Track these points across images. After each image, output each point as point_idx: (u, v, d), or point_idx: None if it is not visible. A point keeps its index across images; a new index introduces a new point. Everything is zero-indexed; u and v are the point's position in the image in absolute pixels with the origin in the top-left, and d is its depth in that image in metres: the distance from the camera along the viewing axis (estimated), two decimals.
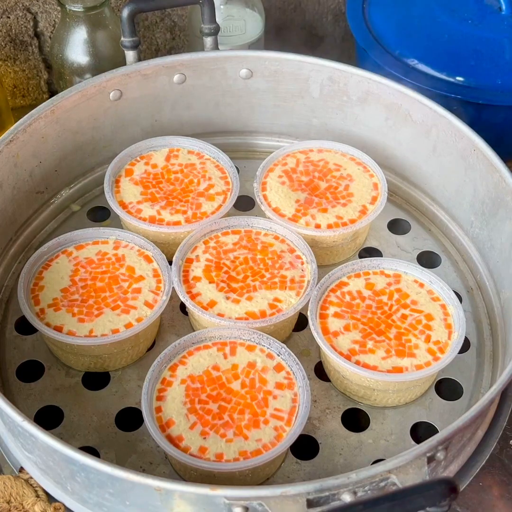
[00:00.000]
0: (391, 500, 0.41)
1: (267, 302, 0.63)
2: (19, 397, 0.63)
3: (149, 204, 0.71)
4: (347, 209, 0.71)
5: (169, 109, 0.79)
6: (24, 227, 0.74)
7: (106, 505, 0.52)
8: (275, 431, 0.55)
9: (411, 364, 0.59)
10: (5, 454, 0.59)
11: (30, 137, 0.69)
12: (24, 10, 0.88)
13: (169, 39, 0.97)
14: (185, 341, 0.60)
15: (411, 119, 0.74)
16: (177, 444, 0.54)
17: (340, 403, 0.63)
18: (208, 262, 0.66)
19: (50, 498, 0.55)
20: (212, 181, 0.73)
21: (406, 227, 0.77)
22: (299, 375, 0.58)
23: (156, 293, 0.64)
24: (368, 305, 0.63)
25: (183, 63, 0.76)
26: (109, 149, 0.78)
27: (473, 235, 0.72)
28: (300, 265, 0.66)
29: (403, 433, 0.61)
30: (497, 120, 0.80)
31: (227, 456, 0.54)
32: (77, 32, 0.80)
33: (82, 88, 0.72)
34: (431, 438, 0.48)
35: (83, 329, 0.61)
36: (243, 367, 0.59)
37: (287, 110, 0.80)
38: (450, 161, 0.72)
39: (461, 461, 0.58)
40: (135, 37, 0.73)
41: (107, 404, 0.62)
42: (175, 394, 0.57)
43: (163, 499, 0.48)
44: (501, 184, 0.65)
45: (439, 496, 0.41)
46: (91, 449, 0.59)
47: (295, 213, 0.70)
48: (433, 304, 0.63)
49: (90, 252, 0.67)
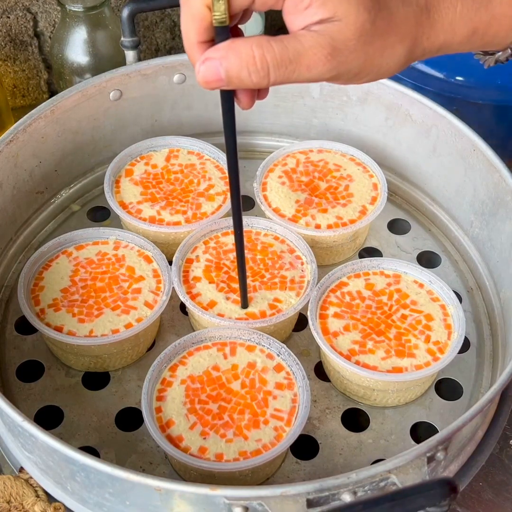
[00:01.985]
0: (391, 500, 0.41)
1: (267, 303, 0.63)
2: (19, 397, 0.62)
3: (149, 204, 0.71)
4: (347, 209, 0.71)
5: (169, 109, 0.79)
6: (24, 227, 0.74)
7: (106, 505, 0.52)
8: (275, 431, 0.55)
9: (410, 364, 0.59)
10: (5, 454, 0.59)
11: (30, 137, 0.69)
12: (24, 10, 0.88)
13: (169, 39, 0.97)
14: (185, 341, 0.60)
15: (411, 119, 0.74)
16: (177, 444, 0.54)
17: (340, 403, 0.63)
18: (208, 263, 0.66)
19: (50, 498, 0.55)
20: (212, 181, 0.73)
21: (406, 227, 0.77)
22: (299, 375, 0.58)
23: (156, 294, 0.64)
24: (368, 305, 0.63)
25: (183, 63, 0.76)
26: (109, 149, 0.78)
27: (473, 235, 0.72)
28: (300, 265, 0.66)
29: (403, 433, 0.61)
30: (498, 120, 0.80)
31: (227, 456, 0.54)
32: (77, 32, 0.80)
33: (82, 88, 0.72)
34: (431, 438, 0.48)
35: (83, 329, 0.61)
36: (243, 367, 0.59)
37: (287, 110, 0.80)
38: (450, 161, 0.72)
39: (461, 461, 0.58)
40: (135, 37, 0.73)
41: (107, 404, 0.62)
42: (175, 394, 0.57)
43: (163, 499, 0.48)
44: (501, 184, 0.65)
45: (439, 496, 0.41)
46: (91, 449, 0.59)
47: (295, 213, 0.70)
48: (433, 305, 0.63)
49: (90, 253, 0.67)
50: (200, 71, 0.42)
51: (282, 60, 0.41)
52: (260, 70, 0.41)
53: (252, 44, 0.41)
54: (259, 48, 0.41)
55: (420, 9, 0.44)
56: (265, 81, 0.42)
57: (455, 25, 0.45)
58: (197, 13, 0.41)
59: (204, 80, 0.42)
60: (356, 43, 0.42)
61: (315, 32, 0.41)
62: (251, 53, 0.41)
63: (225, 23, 0.41)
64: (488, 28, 0.47)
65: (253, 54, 0.41)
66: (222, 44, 0.41)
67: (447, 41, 0.46)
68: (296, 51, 0.41)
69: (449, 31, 0.45)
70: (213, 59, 0.41)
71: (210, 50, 0.42)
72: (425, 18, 0.44)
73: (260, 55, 0.41)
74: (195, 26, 0.42)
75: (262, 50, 0.41)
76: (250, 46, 0.41)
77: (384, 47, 0.43)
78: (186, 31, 0.42)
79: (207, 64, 0.42)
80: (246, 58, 0.41)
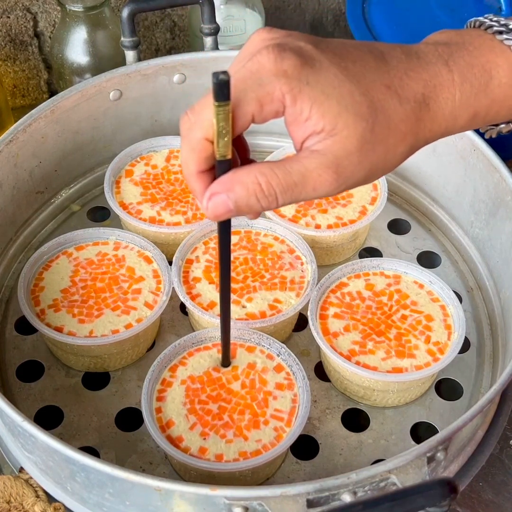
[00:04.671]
0: (391, 500, 0.41)
1: (267, 303, 0.63)
2: (19, 397, 0.62)
3: (149, 205, 0.71)
4: (347, 209, 0.71)
5: (169, 109, 0.79)
6: (24, 227, 0.74)
7: (106, 505, 0.52)
8: (275, 432, 0.55)
9: (411, 365, 0.59)
10: (5, 454, 0.59)
11: (30, 137, 0.69)
12: (24, 10, 0.88)
13: (169, 39, 0.97)
14: (185, 341, 0.60)
15: None
16: (177, 444, 0.54)
17: (340, 403, 0.63)
18: (208, 263, 0.66)
19: (50, 498, 0.55)
20: None
21: (406, 227, 0.77)
22: (299, 376, 0.58)
23: (156, 294, 0.64)
24: (368, 305, 0.63)
25: (183, 63, 0.76)
26: (109, 149, 0.78)
27: (473, 235, 0.72)
28: (300, 265, 0.66)
29: (403, 433, 0.61)
30: None
31: (227, 456, 0.54)
32: (77, 32, 0.80)
33: (82, 88, 0.72)
34: (431, 438, 0.48)
35: (83, 329, 0.61)
36: (243, 368, 0.59)
37: None
38: (450, 161, 0.72)
39: (461, 461, 0.58)
40: (135, 37, 0.73)
41: (107, 404, 0.62)
42: (175, 395, 0.57)
43: (163, 499, 0.48)
44: (501, 184, 0.65)
45: (439, 496, 0.41)
46: (91, 449, 0.59)
47: (295, 213, 0.70)
48: (433, 305, 0.63)
49: (90, 253, 0.67)
50: (209, 207, 0.42)
51: (288, 185, 0.41)
52: (268, 196, 0.41)
53: (256, 173, 0.41)
54: (262, 176, 0.41)
55: (418, 104, 0.43)
56: (274, 205, 0.42)
57: (455, 113, 0.45)
58: (197, 146, 0.41)
59: (214, 215, 0.42)
60: (359, 155, 0.41)
61: (317, 152, 0.41)
62: (256, 181, 0.41)
63: (228, 157, 0.41)
64: (489, 110, 0.46)
65: (258, 182, 0.41)
66: (225, 177, 0.41)
67: (449, 128, 0.46)
68: (301, 174, 0.41)
69: (451, 119, 0.45)
70: (220, 194, 0.41)
71: (214, 184, 0.42)
72: (425, 112, 0.44)
73: (265, 182, 0.41)
74: (194, 157, 0.42)
75: (266, 177, 0.41)
76: (254, 175, 0.41)
77: (387, 151, 0.43)
78: (186, 162, 0.42)
79: (214, 200, 0.42)
80: (252, 187, 0.41)
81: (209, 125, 0.40)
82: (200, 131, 0.41)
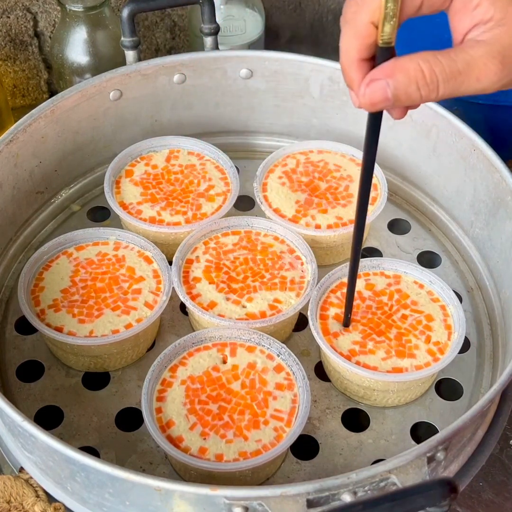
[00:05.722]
0: (391, 500, 0.41)
1: (267, 303, 0.63)
2: (19, 397, 0.62)
3: (149, 205, 0.71)
4: (347, 209, 0.71)
5: (169, 109, 0.79)
6: (24, 227, 0.74)
7: (106, 505, 0.52)
8: (275, 432, 0.55)
9: (411, 365, 0.59)
10: (5, 454, 0.59)
11: (30, 137, 0.69)
12: (24, 10, 0.88)
13: (169, 39, 0.97)
14: (185, 341, 0.60)
15: (411, 119, 0.73)
16: (177, 444, 0.54)
17: (340, 403, 0.63)
18: (208, 263, 0.66)
19: (50, 498, 0.55)
20: (212, 182, 0.73)
21: (406, 227, 0.77)
22: (299, 376, 0.58)
23: (156, 294, 0.64)
24: (368, 305, 0.63)
25: (183, 63, 0.76)
26: (109, 149, 0.78)
27: (473, 235, 0.72)
28: (300, 265, 0.66)
29: (403, 433, 0.61)
30: (497, 120, 0.80)
31: (227, 456, 0.54)
32: (77, 32, 0.80)
33: (82, 88, 0.72)
34: (431, 438, 0.48)
35: (83, 329, 0.61)
36: (243, 368, 0.59)
37: (287, 110, 0.80)
38: (450, 161, 0.72)
39: (461, 461, 0.58)
40: (135, 37, 0.73)
41: (107, 404, 0.62)
42: (175, 395, 0.57)
43: (163, 499, 0.48)
44: (501, 184, 0.65)
45: (439, 496, 0.41)
46: (91, 449, 0.59)
47: (295, 213, 0.70)
48: (433, 305, 0.63)
49: (90, 253, 0.67)
50: (366, 93, 0.41)
51: (451, 73, 0.40)
52: (429, 84, 0.40)
53: (419, 60, 0.40)
54: (426, 62, 0.40)
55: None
56: (434, 95, 0.41)
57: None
58: (362, 31, 0.41)
59: (371, 102, 0.41)
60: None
61: (484, 42, 0.40)
62: (418, 67, 0.40)
63: (391, 44, 0.40)
64: None
65: (421, 69, 0.40)
66: (387, 64, 0.41)
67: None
68: (466, 62, 0.40)
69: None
70: (380, 80, 0.41)
71: (374, 71, 0.41)
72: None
73: (428, 68, 0.40)
74: (357, 43, 0.41)
75: (430, 64, 0.40)
76: (417, 62, 0.40)
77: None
78: (347, 48, 0.42)
79: (373, 86, 0.41)
80: (414, 73, 0.40)
81: (376, 8, 0.39)
82: (367, 14, 0.40)
